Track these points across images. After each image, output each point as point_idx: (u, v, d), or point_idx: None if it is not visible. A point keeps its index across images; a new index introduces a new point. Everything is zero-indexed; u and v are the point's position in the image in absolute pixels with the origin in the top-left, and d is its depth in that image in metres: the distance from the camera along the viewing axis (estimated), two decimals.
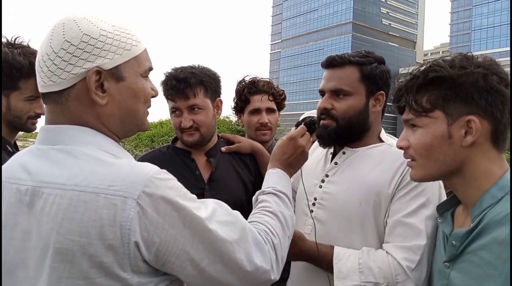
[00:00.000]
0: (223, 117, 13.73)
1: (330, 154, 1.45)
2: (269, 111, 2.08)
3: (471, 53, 1.00)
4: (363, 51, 1.39)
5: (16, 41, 1.49)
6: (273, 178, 1.15)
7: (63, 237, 0.75)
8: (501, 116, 0.94)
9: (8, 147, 1.50)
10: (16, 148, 1.57)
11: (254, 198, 1.12)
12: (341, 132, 1.34)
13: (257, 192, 1.12)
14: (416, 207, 1.21)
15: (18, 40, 1.50)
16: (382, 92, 1.36)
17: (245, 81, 2.12)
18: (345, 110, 1.33)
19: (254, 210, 1.06)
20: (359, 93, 1.34)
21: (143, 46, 0.92)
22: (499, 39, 71.49)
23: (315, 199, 1.40)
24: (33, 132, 1.61)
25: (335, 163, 1.40)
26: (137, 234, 0.76)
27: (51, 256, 0.77)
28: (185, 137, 1.63)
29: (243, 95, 2.08)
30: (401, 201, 1.24)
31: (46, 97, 0.88)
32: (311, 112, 2.05)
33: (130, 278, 0.77)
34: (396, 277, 1.17)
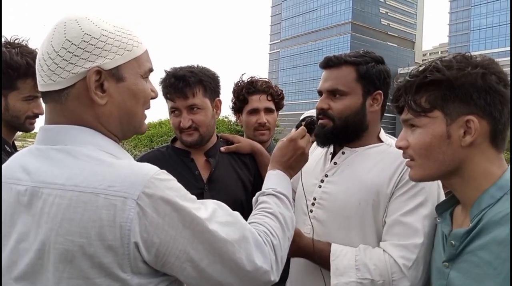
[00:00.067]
0: (222, 117, 13.72)
1: (329, 154, 1.46)
2: (268, 111, 2.08)
3: (469, 53, 1.00)
4: (361, 51, 1.39)
5: (15, 41, 1.49)
6: (273, 179, 1.15)
7: (62, 238, 0.75)
8: (500, 116, 0.94)
9: (6, 147, 1.50)
10: (14, 148, 1.56)
11: (254, 199, 1.12)
12: (337, 132, 1.35)
13: (257, 193, 1.12)
14: (413, 206, 1.22)
15: (17, 40, 1.49)
16: (379, 92, 1.36)
17: (243, 81, 2.11)
18: (341, 110, 1.34)
19: (254, 211, 1.06)
20: (356, 93, 1.34)
21: (144, 47, 0.92)
22: (497, 39, 71.61)
23: (315, 199, 1.40)
24: (32, 132, 1.61)
25: (335, 163, 1.41)
26: (137, 234, 0.76)
27: (52, 257, 0.76)
28: (184, 137, 1.63)
29: (241, 95, 2.07)
30: (399, 200, 1.24)
31: (46, 96, 0.87)
32: (311, 111, 2.05)
33: (130, 278, 0.77)
34: (392, 275, 1.17)
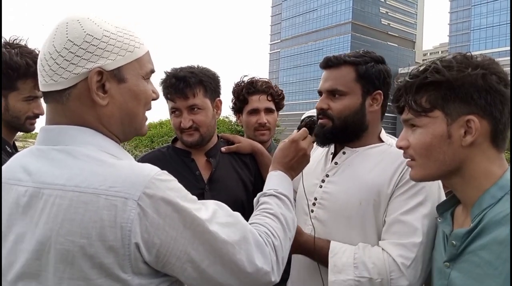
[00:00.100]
0: (223, 117, 13.73)
1: (330, 154, 1.46)
2: (268, 111, 2.08)
3: (470, 53, 1.00)
4: (361, 51, 1.39)
5: (14, 41, 1.49)
6: (275, 180, 1.15)
7: (63, 238, 0.75)
8: (500, 116, 0.94)
9: (7, 148, 1.50)
10: (15, 148, 1.57)
11: (255, 200, 1.12)
12: (337, 131, 1.35)
13: (259, 194, 1.12)
14: (413, 205, 1.22)
15: (16, 40, 1.49)
16: (379, 91, 1.35)
17: (243, 81, 2.11)
18: (340, 110, 1.34)
19: (255, 212, 1.06)
20: (355, 93, 1.34)
21: (145, 48, 0.92)
22: (498, 39, 71.57)
23: (315, 199, 1.40)
24: (33, 132, 1.61)
25: (335, 163, 1.41)
26: (137, 235, 0.76)
27: (52, 257, 0.76)
28: (185, 137, 1.63)
29: (241, 95, 2.07)
30: (399, 199, 1.24)
31: (47, 96, 0.87)
32: (312, 111, 2.05)
33: (130, 279, 0.77)
34: (390, 274, 1.17)
